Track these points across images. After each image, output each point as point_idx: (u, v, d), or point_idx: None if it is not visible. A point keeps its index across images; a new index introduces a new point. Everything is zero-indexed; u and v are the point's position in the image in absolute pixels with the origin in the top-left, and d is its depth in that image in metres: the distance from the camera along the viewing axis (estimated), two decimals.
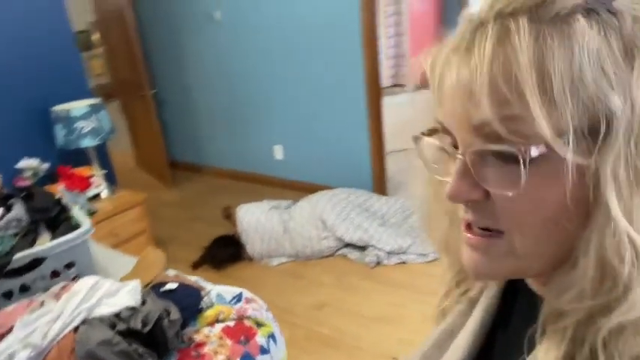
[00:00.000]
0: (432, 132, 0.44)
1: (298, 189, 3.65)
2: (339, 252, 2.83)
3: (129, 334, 1.07)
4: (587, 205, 0.36)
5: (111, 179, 2.77)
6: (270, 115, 3.82)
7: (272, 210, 2.86)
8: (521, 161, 0.35)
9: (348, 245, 2.84)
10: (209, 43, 3.89)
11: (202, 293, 1.23)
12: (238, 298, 1.37)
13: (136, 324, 1.05)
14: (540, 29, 0.34)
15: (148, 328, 1.05)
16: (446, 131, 0.41)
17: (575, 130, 0.33)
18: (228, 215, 2.96)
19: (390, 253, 2.71)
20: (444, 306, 0.57)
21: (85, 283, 1.11)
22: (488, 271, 0.43)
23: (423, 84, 0.43)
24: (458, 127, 0.39)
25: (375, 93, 3.24)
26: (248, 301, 1.33)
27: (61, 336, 0.99)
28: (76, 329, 1.01)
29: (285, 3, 3.36)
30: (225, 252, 2.80)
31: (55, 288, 1.11)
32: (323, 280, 2.62)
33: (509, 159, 0.36)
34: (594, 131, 0.34)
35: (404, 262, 2.67)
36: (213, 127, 4.24)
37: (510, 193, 0.36)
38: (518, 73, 0.34)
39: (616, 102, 0.33)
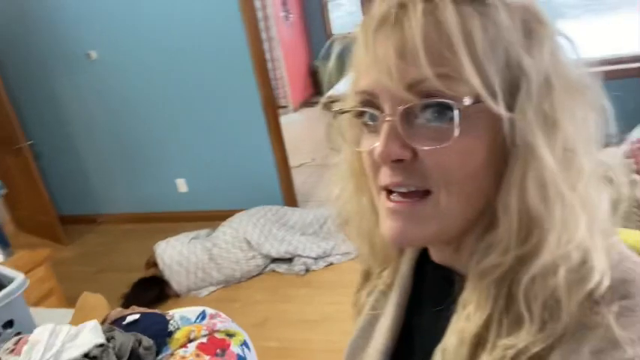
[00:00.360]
0: (351, 108, 0.47)
1: (209, 219, 3.60)
2: (268, 268, 2.86)
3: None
4: (502, 163, 0.41)
5: (2, 242, 2.48)
6: (168, 150, 3.72)
7: (193, 241, 2.79)
8: (456, 112, 0.39)
9: (275, 260, 2.88)
10: (87, 85, 3.68)
11: (167, 317, 1.20)
12: (202, 316, 1.36)
13: (110, 359, 1.01)
14: (461, 6, 0.40)
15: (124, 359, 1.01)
16: (368, 102, 0.44)
17: (500, 85, 0.39)
18: (150, 264, 2.79)
19: (316, 259, 2.81)
20: (361, 294, 0.62)
21: (42, 331, 1.03)
22: (413, 235, 0.44)
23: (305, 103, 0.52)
24: (393, 87, 0.41)
25: (272, 114, 3.36)
26: (212, 316, 1.33)
27: None
28: None
29: (166, 35, 3.34)
30: (149, 294, 2.65)
31: (9, 344, 1.02)
32: (258, 298, 2.62)
33: (441, 114, 0.40)
34: (514, 87, 0.40)
35: (331, 264, 2.79)
36: (104, 172, 3.98)
37: (441, 146, 0.40)
38: (450, 36, 0.39)
39: (527, 63, 0.40)
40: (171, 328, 1.17)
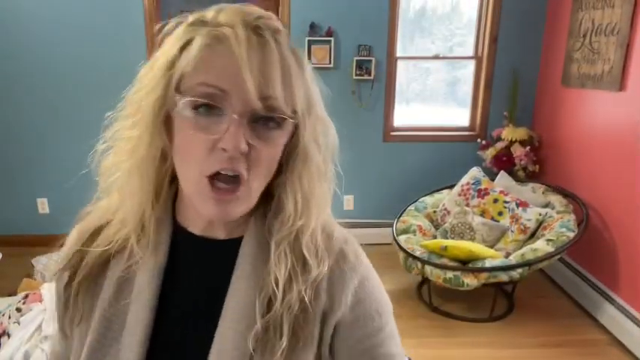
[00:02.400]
0: (195, 99, 0.52)
1: None
2: None
3: None
4: (285, 158, 0.57)
5: None
6: (31, 168, 3.41)
7: None
8: (286, 124, 0.54)
9: None
10: None
11: None
12: None
13: None
14: (287, 51, 0.54)
15: None
16: (211, 96, 0.51)
17: (300, 109, 0.55)
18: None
19: None
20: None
21: (51, 287, 1.08)
22: (234, 214, 0.55)
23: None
24: (245, 93, 0.50)
25: None
26: None
27: None
28: None
29: (50, 52, 3.19)
30: None
31: (18, 297, 1.06)
32: None
33: (273, 123, 0.53)
34: (307, 110, 0.57)
35: None
36: None
37: (267, 145, 0.53)
38: (290, 72, 0.54)
39: (312, 100, 0.57)
40: None
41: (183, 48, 0.53)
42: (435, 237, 2.93)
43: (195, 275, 0.61)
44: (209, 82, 0.51)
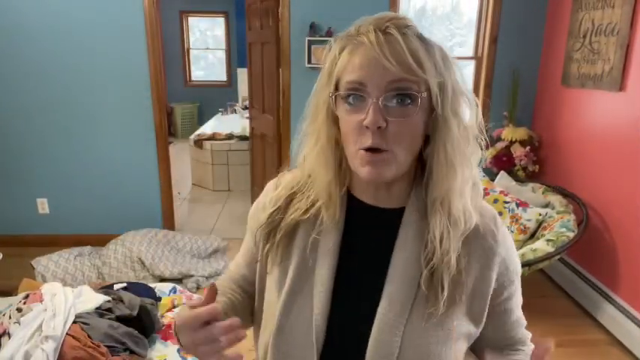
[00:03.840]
0: (344, 94, 0.68)
1: (85, 242, 3.36)
2: None
3: (118, 321, 1.07)
4: (427, 131, 0.68)
5: None
6: (31, 168, 3.41)
7: (78, 258, 2.62)
8: (418, 100, 0.65)
9: (163, 280, 2.87)
10: None
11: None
12: (174, 290, 1.44)
13: (124, 311, 1.08)
14: (411, 38, 0.66)
15: (136, 312, 1.09)
16: (356, 89, 0.66)
17: (437, 87, 0.66)
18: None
19: (208, 277, 2.91)
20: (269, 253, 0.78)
21: (53, 286, 1.09)
22: (385, 175, 0.68)
23: None
24: (378, 81, 0.64)
25: (163, 141, 3.40)
26: (182, 291, 1.43)
27: (67, 327, 1.00)
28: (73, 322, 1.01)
29: (50, 52, 3.20)
30: None
31: (19, 297, 1.06)
32: None
33: (405, 101, 0.65)
34: (440, 90, 0.67)
35: None
36: None
37: (404, 119, 0.65)
38: (414, 55, 0.65)
39: (446, 76, 0.67)
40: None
41: (337, 58, 0.69)
42: None
43: (367, 237, 0.75)
44: (352, 79, 0.66)
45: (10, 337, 0.96)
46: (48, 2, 3.13)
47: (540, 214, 2.77)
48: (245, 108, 6.72)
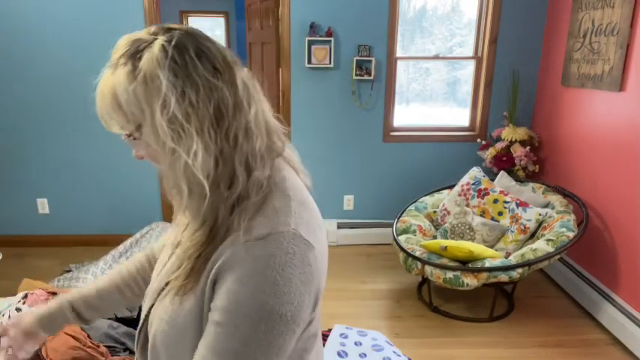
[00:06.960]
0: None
1: (87, 243, 3.36)
2: None
3: (118, 321, 1.07)
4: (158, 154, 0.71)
5: None
6: (31, 168, 3.41)
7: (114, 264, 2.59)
8: (136, 135, 0.72)
9: None
10: None
11: None
12: None
13: (124, 312, 1.08)
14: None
15: (136, 312, 1.09)
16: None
17: (137, 125, 0.70)
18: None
19: None
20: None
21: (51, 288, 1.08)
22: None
23: None
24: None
25: None
26: None
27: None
28: None
29: (45, 52, 3.20)
30: None
31: (18, 297, 1.06)
32: None
33: (130, 137, 0.73)
34: (139, 127, 0.71)
35: None
36: None
37: (138, 150, 0.76)
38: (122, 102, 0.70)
39: (139, 116, 0.70)
40: None
41: None
42: (435, 237, 2.93)
43: None
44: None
45: None
46: (48, 2, 3.13)
47: (540, 214, 2.78)
48: None
